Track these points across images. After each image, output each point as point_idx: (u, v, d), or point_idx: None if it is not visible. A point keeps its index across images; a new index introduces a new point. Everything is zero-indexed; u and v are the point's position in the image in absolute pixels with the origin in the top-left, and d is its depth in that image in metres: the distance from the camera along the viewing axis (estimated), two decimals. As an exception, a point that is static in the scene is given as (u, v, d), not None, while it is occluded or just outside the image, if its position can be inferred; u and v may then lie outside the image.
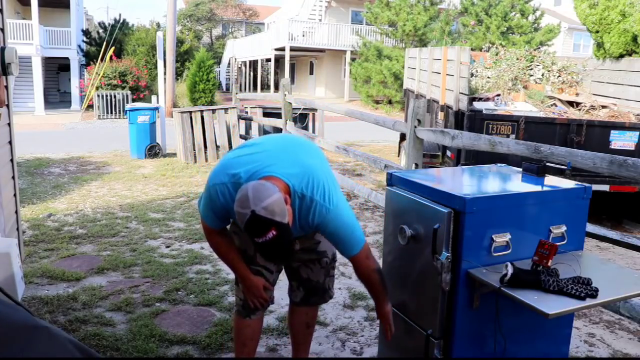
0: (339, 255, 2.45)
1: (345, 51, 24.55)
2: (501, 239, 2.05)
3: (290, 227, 1.92)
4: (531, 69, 7.26)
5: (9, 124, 4.11)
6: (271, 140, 2.27)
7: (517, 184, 2.32)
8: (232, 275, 3.71)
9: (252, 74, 31.77)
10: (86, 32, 24.14)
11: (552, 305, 1.79)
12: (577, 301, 1.83)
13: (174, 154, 9.58)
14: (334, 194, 2.09)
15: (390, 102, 20.83)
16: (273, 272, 2.43)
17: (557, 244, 1.99)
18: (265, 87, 30.70)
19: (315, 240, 2.45)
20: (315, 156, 2.21)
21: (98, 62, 18.88)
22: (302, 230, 2.15)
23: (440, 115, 6.98)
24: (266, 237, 1.84)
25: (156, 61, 14.53)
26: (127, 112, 9.53)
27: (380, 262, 2.34)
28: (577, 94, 6.95)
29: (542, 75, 7.19)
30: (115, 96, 17.55)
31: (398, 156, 8.92)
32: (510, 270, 1.87)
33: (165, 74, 13.62)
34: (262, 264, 2.37)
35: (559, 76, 7.19)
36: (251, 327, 2.48)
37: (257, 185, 1.91)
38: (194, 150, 8.99)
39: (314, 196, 2.04)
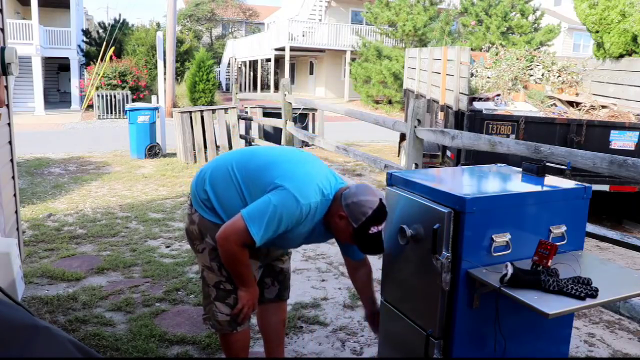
0: (338, 256, 2.45)
1: (345, 51, 24.55)
2: (501, 239, 2.05)
3: None
4: (531, 69, 7.26)
5: (9, 124, 4.11)
6: (307, 154, 2.39)
7: (517, 184, 2.32)
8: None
9: (252, 74, 31.79)
10: (86, 32, 24.14)
11: (552, 305, 1.78)
12: (577, 301, 1.83)
13: (174, 154, 9.58)
14: None
15: (390, 102, 20.83)
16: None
17: (557, 244, 1.99)
18: (265, 87, 30.72)
19: None
20: None
21: (98, 62, 18.89)
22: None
23: (440, 115, 6.97)
24: (380, 226, 2.09)
25: (156, 61, 14.53)
26: (127, 112, 9.52)
27: (380, 262, 2.34)
28: (577, 94, 6.95)
29: (542, 75, 7.19)
30: (115, 96, 17.54)
31: (398, 156, 8.92)
32: (510, 270, 1.87)
33: (165, 74, 13.62)
34: (253, 271, 2.32)
35: (559, 76, 7.19)
36: (241, 341, 2.41)
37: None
38: (194, 150, 8.99)
39: None
